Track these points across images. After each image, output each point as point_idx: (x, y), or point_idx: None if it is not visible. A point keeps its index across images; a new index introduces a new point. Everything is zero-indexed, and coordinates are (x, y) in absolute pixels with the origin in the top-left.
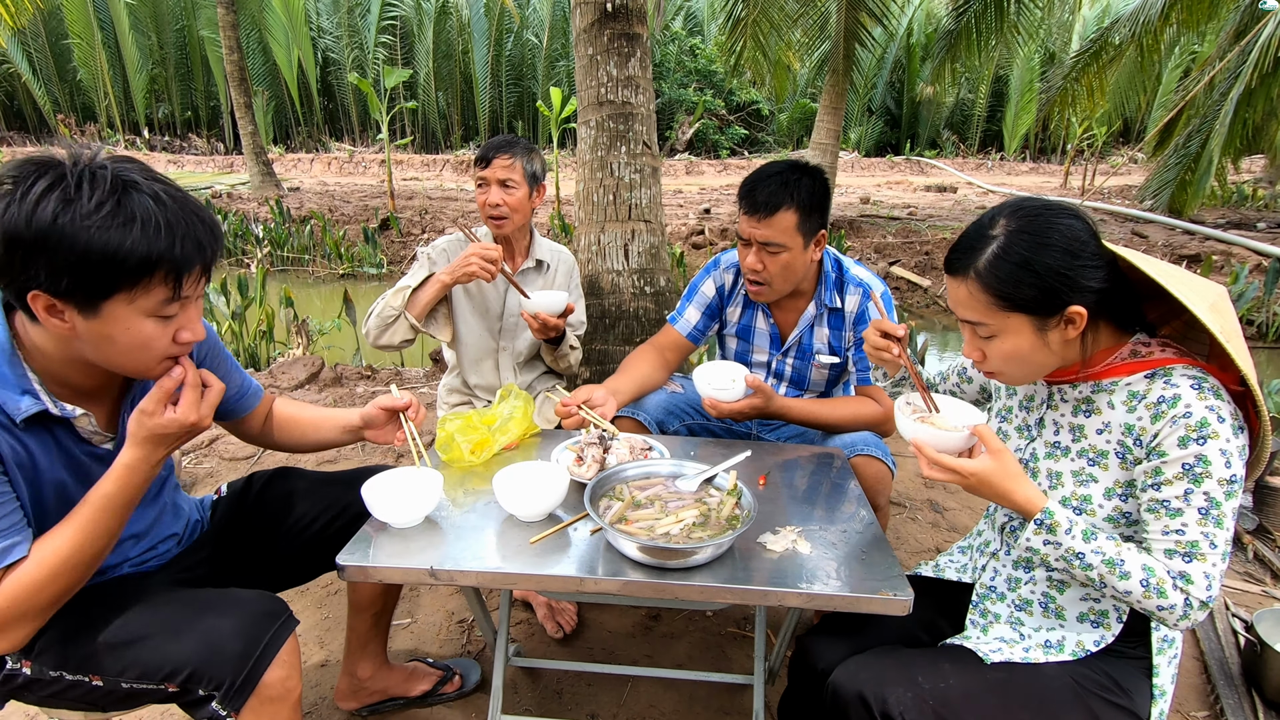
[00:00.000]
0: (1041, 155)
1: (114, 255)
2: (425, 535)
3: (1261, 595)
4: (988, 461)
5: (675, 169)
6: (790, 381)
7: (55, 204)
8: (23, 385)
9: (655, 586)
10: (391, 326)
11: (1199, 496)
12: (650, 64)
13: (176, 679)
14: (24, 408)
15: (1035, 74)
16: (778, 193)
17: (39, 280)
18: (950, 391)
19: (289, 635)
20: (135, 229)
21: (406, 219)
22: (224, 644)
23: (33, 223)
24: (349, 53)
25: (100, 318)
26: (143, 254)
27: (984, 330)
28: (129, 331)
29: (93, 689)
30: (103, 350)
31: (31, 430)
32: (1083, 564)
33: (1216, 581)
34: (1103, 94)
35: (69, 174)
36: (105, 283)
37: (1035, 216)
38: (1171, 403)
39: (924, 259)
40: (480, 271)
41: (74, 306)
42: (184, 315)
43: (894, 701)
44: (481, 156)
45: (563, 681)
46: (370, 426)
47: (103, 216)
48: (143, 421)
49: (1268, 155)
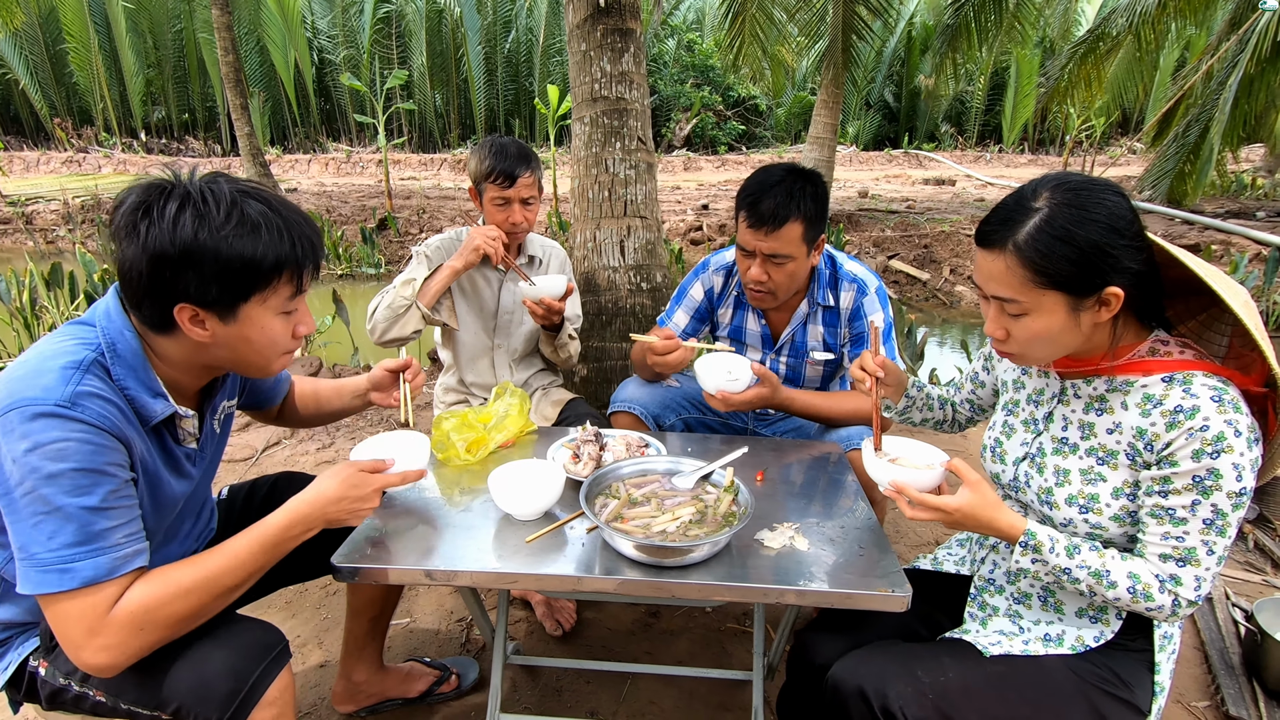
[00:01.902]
0: (1040, 147)
1: (250, 261)
2: (421, 535)
3: (1262, 585)
4: (968, 495)
5: (673, 165)
6: (785, 380)
7: (191, 221)
8: (154, 389)
9: (652, 585)
10: (403, 318)
11: (1206, 508)
12: (644, 59)
13: (167, 709)
14: (158, 411)
15: (1035, 65)
16: (784, 205)
17: (187, 293)
18: (967, 400)
19: (280, 670)
20: (263, 235)
21: (404, 219)
22: (213, 681)
23: (176, 241)
24: (344, 52)
25: (238, 321)
26: (274, 257)
27: (1014, 308)
28: (263, 331)
29: (97, 704)
30: (238, 351)
31: (148, 431)
32: (1070, 578)
33: (1207, 584)
34: (1100, 85)
35: (192, 192)
36: (244, 287)
37: (1080, 190)
38: (1190, 414)
39: (923, 252)
40: (487, 246)
41: (215, 314)
42: (301, 310)
43: (894, 696)
44: (504, 173)
45: (562, 679)
46: (377, 389)
47: (233, 227)
48: (345, 504)
49: (1267, 144)
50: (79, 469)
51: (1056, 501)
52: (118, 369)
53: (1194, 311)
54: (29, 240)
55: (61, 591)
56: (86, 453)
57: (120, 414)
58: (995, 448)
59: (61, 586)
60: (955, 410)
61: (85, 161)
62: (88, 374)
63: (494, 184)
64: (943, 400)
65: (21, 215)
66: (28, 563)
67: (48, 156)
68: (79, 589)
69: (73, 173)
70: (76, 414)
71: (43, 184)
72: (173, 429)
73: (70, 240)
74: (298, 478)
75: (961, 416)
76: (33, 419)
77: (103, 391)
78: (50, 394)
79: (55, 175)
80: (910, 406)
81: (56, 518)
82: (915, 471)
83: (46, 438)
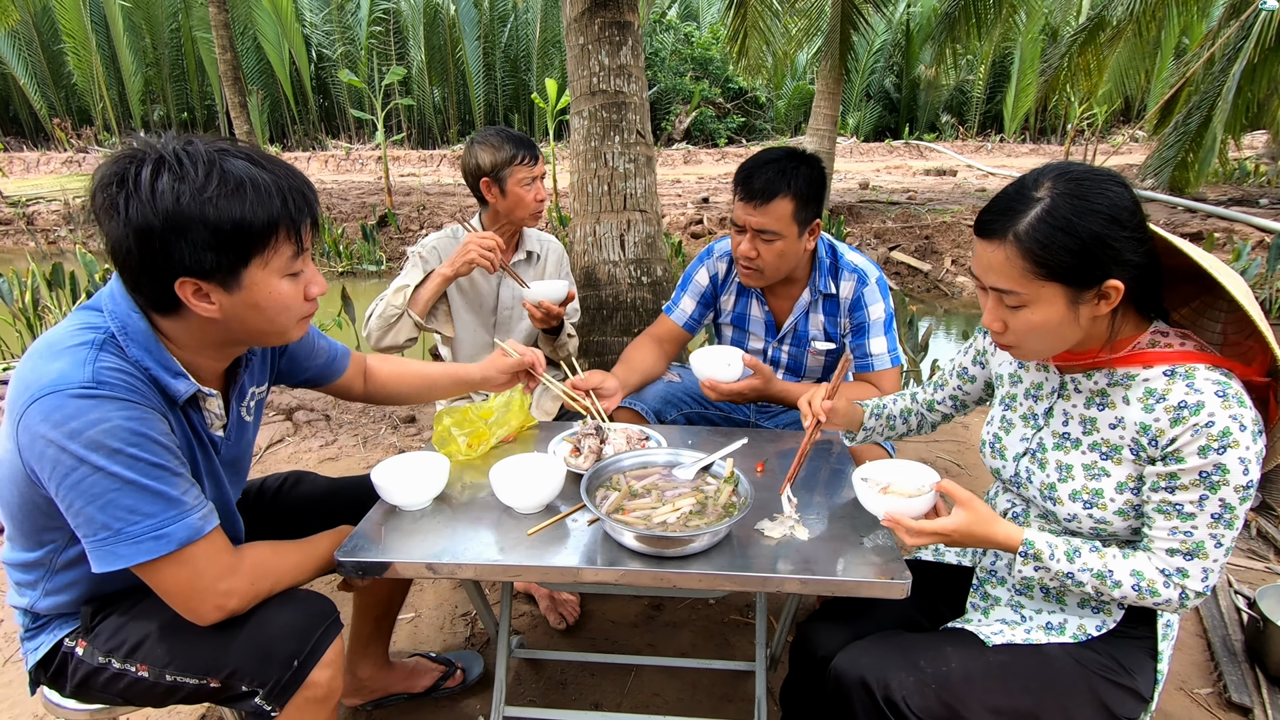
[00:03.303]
0: (1041, 136)
1: (241, 222)
2: (423, 529)
3: (1265, 572)
4: (963, 515)
5: (673, 158)
6: (787, 369)
7: (171, 187)
8: (172, 369)
9: (654, 575)
10: (395, 327)
11: (1214, 503)
12: (642, 52)
13: (220, 674)
14: (183, 390)
15: (1037, 54)
16: (775, 180)
17: (183, 265)
18: (952, 396)
19: (336, 635)
20: (249, 193)
21: (404, 215)
22: (276, 642)
23: (158, 210)
24: (341, 49)
25: (243, 288)
26: (265, 215)
27: (1013, 299)
28: (271, 295)
29: (135, 681)
30: (250, 321)
31: (175, 412)
32: (1074, 582)
33: (1214, 575)
34: (1101, 72)
35: (166, 156)
36: (241, 250)
37: (1082, 180)
38: (1195, 409)
39: (924, 243)
40: (480, 259)
41: (218, 284)
42: (308, 271)
43: (896, 685)
44: (529, 154)
45: (566, 672)
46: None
47: (215, 188)
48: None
49: (1270, 131)
50: (132, 440)
51: (1060, 497)
52: (132, 349)
53: (1187, 299)
54: (30, 241)
55: (161, 556)
56: (133, 424)
57: (145, 387)
58: (995, 443)
59: (159, 552)
60: (930, 410)
61: (85, 162)
62: (102, 352)
63: (522, 165)
64: (906, 413)
65: (23, 216)
66: (112, 539)
67: (48, 157)
68: (177, 550)
69: (73, 173)
70: (105, 391)
71: (43, 184)
72: (199, 413)
73: (72, 240)
74: (308, 477)
75: (936, 417)
76: (64, 405)
77: (122, 367)
78: (71, 378)
79: (56, 176)
80: (869, 436)
81: (131, 490)
82: (908, 500)
83: (87, 420)
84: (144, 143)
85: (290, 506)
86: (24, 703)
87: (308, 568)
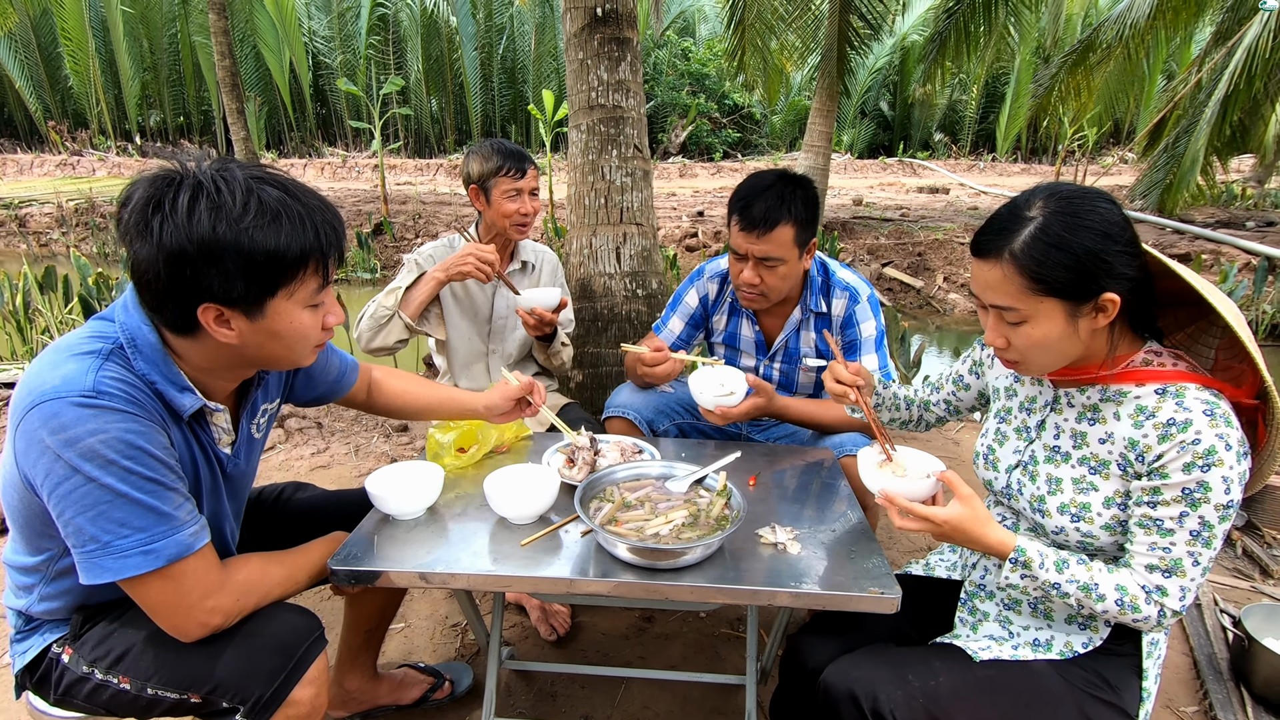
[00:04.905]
0: (1033, 156)
1: (274, 253)
2: (417, 538)
3: (1250, 591)
4: (959, 508)
5: (669, 172)
6: (779, 386)
7: (208, 214)
8: (179, 383)
9: (646, 587)
10: (385, 327)
11: (1193, 520)
12: (641, 68)
13: (202, 690)
14: (188, 405)
15: (1029, 76)
16: (776, 208)
17: (211, 292)
18: (944, 401)
19: (320, 651)
20: (284, 225)
21: (400, 223)
22: (259, 657)
23: (194, 236)
24: (340, 57)
25: (266, 316)
26: (298, 248)
27: (1012, 316)
28: (292, 325)
29: (117, 693)
30: (267, 348)
31: (180, 426)
32: (1059, 592)
33: (1192, 593)
34: (1091, 94)
35: (204, 181)
36: (271, 281)
37: (1073, 199)
38: (1182, 427)
39: (916, 260)
40: (476, 271)
41: (241, 312)
42: (329, 301)
43: (884, 699)
44: (515, 167)
45: (557, 684)
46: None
47: (253, 218)
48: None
49: (1257, 155)
50: (128, 453)
51: (1048, 509)
52: (139, 363)
53: (1182, 324)
54: (22, 243)
55: (149, 572)
56: (130, 436)
57: (148, 400)
58: (988, 455)
59: (146, 568)
60: (926, 410)
61: (79, 165)
62: (108, 362)
63: (507, 176)
64: (909, 400)
65: (15, 218)
66: (100, 552)
67: (41, 159)
68: (165, 567)
69: (67, 176)
70: (104, 402)
71: (36, 187)
72: (207, 429)
73: (64, 243)
74: (305, 488)
75: (931, 417)
76: (63, 413)
77: (126, 378)
78: (73, 385)
79: (49, 178)
80: (879, 405)
81: (123, 503)
82: (908, 481)
83: (85, 429)
84: (180, 164)
85: (290, 516)
86: (10, 709)
87: (299, 579)
